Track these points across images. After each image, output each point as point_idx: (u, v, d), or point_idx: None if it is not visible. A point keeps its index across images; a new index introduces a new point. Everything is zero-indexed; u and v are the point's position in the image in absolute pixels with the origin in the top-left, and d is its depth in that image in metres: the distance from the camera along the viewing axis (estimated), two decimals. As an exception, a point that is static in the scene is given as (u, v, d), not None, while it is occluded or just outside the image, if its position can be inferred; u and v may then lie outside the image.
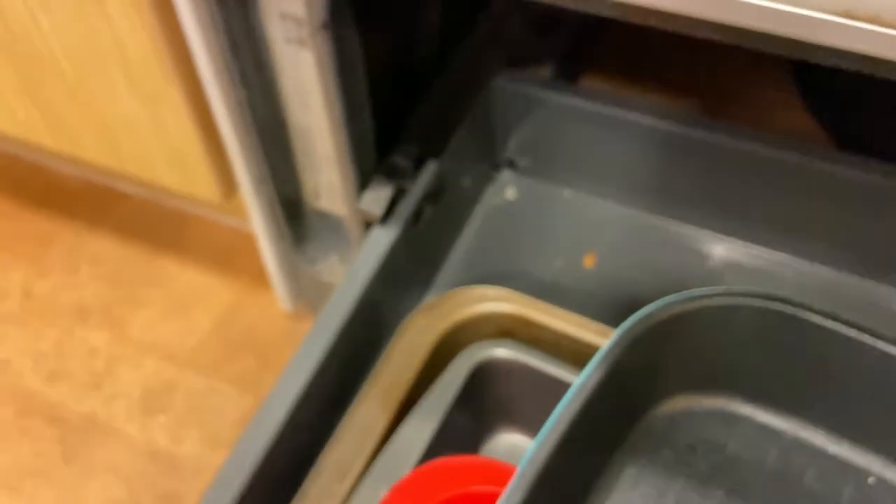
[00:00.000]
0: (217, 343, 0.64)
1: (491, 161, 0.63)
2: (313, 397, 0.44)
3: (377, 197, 0.49)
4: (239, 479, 0.40)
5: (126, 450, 0.57)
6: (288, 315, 0.65)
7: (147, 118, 0.48)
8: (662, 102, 0.72)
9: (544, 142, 0.61)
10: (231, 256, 0.70)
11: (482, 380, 0.47)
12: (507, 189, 0.63)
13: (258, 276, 0.68)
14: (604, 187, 0.61)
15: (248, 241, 0.71)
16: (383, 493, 0.41)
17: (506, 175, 0.64)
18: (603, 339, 0.47)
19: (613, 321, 0.53)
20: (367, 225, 0.52)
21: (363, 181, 0.49)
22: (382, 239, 0.49)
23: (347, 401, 0.47)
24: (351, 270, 0.48)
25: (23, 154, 0.77)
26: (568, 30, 0.70)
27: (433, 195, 0.53)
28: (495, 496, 0.39)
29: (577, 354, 0.47)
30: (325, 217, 0.57)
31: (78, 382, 0.61)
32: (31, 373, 0.62)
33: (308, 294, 0.63)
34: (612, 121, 0.57)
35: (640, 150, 0.57)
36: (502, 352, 0.46)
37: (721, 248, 0.58)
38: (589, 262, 0.58)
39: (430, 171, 0.52)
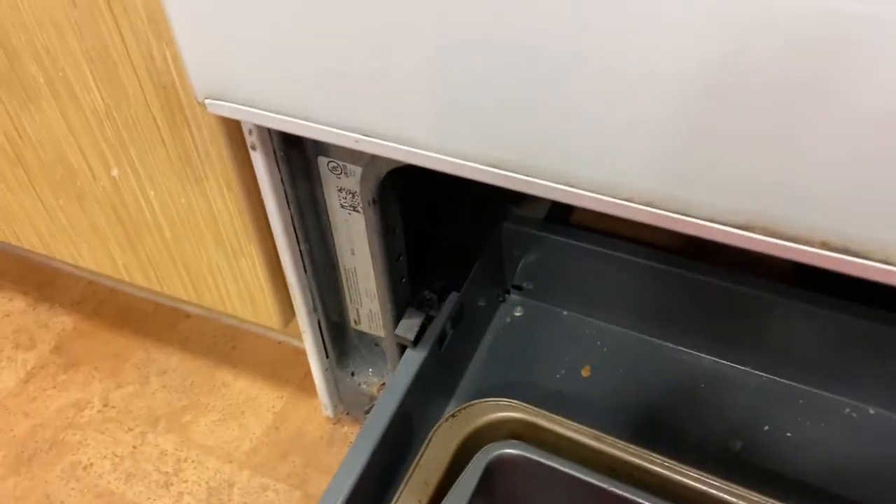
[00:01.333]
0: (268, 445, 0.74)
1: (501, 286, 0.75)
2: (359, 494, 0.54)
3: (410, 325, 0.60)
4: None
5: (194, 541, 0.67)
6: (329, 420, 0.76)
7: (227, 267, 0.61)
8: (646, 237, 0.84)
9: (545, 270, 0.73)
10: (278, 368, 0.81)
11: (496, 474, 0.57)
12: (515, 309, 0.75)
13: (302, 386, 0.79)
14: (596, 309, 0.72)
15: (293, 355, 0.83)
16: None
17: (514, 297, 0.76)
18: (597, 442, 0.57)
19: (604, 423, 0.64)
20: (401, 346, 0.63)
21: (398, 312, 0.61)
22: (414, 360, 0.60)
23: (387, 496, 0.57)
24: (388, 387, 0.59)
25: (101, 280, 0.90)
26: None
27: (455, 320, 0.65)
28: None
29: (573, 452, 0.57)
30: (363, 337, 0.69)
31: (151, 482, 0.71)
32: (110, 474, 0.72)
33: (347, 402, 0.74)
34: (600, 254, 0.69)
35: (626, 278, 0.69)
36: (511, 450, 0.57)
37: (694, 363, 0.69)
38: (586, 372, 0.69)
39: (452, 301, 0.64)
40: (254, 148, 0.51)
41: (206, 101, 0.44)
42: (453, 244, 0.71)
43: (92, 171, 0.58)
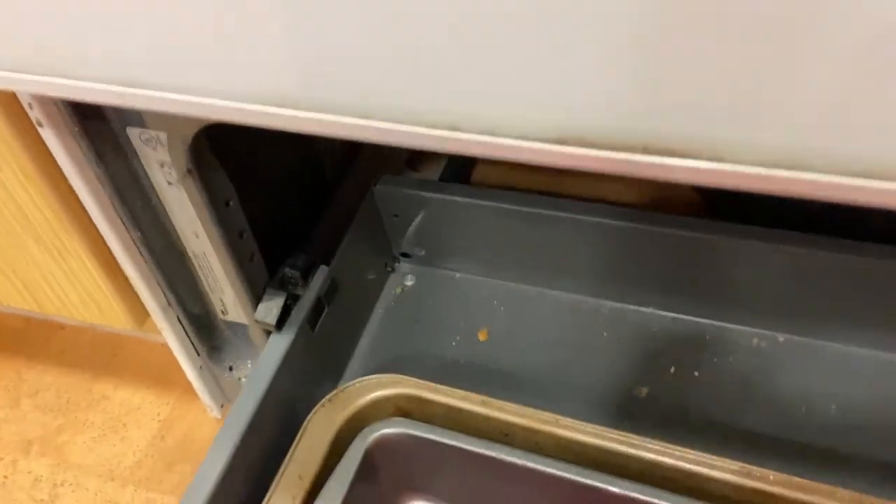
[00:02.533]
0: (153, 457, 0.68)
1: (388, 255, 0.70)
2: (223, 495, 0.49)
3: (269, 307, 0.55)
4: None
5: (72, 572, 0.61)
6: (217, 421, 0.70)
7: (57, 268, 0.54)
8: (544, 182, 0.79)
9: (432, 233, 0.68)
10: (164, 372, 0.74)
11: (379, 458, 0.52)
12: (406, 277, 0.70)
13: (188, 388, 0.72)
14: (488, 267, 0.67)
15: (180, 355, 0.76)
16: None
17: (404, 265, 0.70)
18: (485, 408, 0.52)
19: (505, 387, 0.59)
20: (268, 332, 0.57)
21: (258, 295, 0.55)
22: (280, 344, 0.55)
23: (261, 498, 0.51)
24: (251, 375, 0.53)
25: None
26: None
27: (328, 296, 0.59)
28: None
29: (465, 423, 0.52)
30: (235, 328, 0.62)
31: (23, 513, 0.65)
32: (-21, 510, 0.65)
33: (232, 399, 0.68)
34: (484, 208, 0.64)
35: (516, 230, 0.64)
36: (392, 429, 0.51)
37: (592, 309, 0.64)
38: (483, 336, 0.64)
39: (321, 275, 0.58)
40: (40, 125, 0.44)
41: (-55, 71, 0.37)
42: (323, 215, 0.65)
43: None
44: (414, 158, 0.73)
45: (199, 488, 0.48)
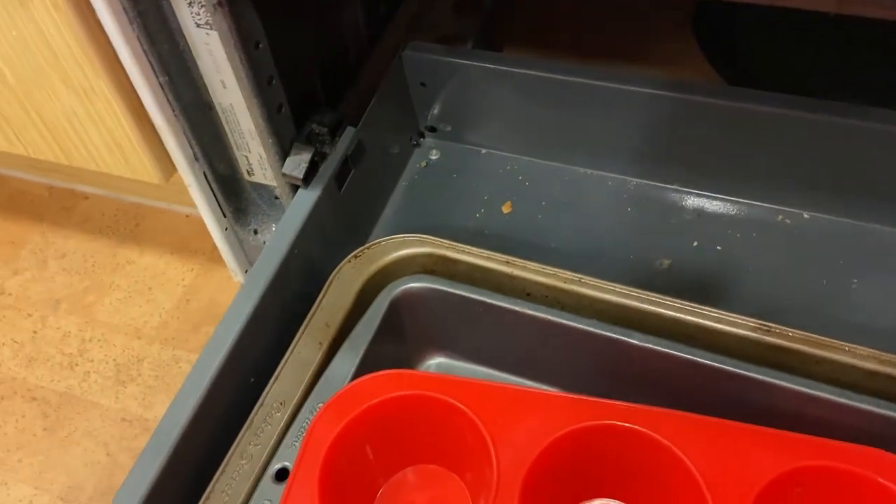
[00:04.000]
0: (180, 318, 0.69)
1: (414, 129, 0.69)
2: (246, 345, 0.50)
3: (297, 161, 0.54)
4: (187, 411, 0.46)
5: (102, 418, 0.63)
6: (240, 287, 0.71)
7: (84, 112, 0.54)
8: (571, 57, 0.77)
9: (459, 106, 0.67)
10: (187, 241, 0.75)
11: (404, 311, 0.52)
12: (431, 152, 0.69)
13: (212, 257, 0.74)
14: (516, 143, 0.67)
15: (202, 226, 0.77)
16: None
17: (430, 140, 0.70)
18: (508, 267, 0.53)
19: (527, 256, 0.59)
20: (294, 189, 0.57)
21: (284, 149, 0.55)
22: (306, 199, 0.55)
23: (288, 343, 0.52)
24: (277, 229, 0.54)
25: (-13, 167, 0.82)
26: (485, 7, 0.75)
27: (354, 158, 0.59)
28: (410, 400, 0.45)
29: (487, 283, 0.53)
30: (261, 189, 0.62)
31: (54, 364, 0.67)
32: (10, 360, 0.67)
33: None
34: (511, 77, 0.62)
35: (547, 105, 0.63)
36: (418, 284, 0.52)
37: (617, 185, 0.64)
38: (507, 208, 0.64)
39: (348, 136, 0.58)
40: (70, -52, 0.43)
41: None
42: (348, 74, 0.64)
43: None
44: (440, 37, 0.71)
45: (225, 334, 0.49)
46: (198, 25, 0.49)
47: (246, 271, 0.69)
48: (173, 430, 0.45)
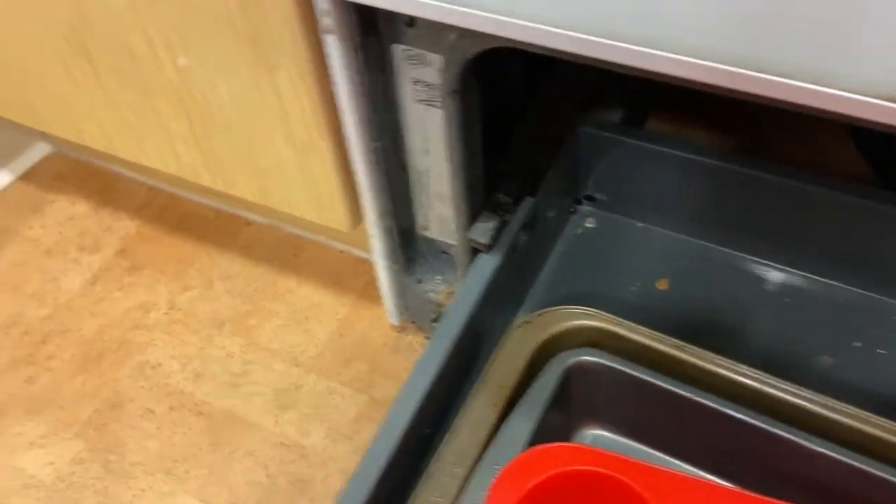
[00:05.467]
0: (333, 351, 0.74)
1: (573, 195, 0.72)
2: (433, 397, 0.53)
3: (485, 228, 0.58)
4: (377, 466, 0.49)
5: (262, 440, 0.67)
6: (393, 327, 0.75)
7: (296, 163, 0.59)
8: (722, 143, 0.79)
9: (620, 179, 0.69)
10: (341, 276, 0.80)
11: (572, 382, 0.55)
12: (587, 220, 0.72)
13: (364, 294, 0.78)
14: (674, 220, 0.69)
15: (355, 264, 0.81)
16: (496, 474, 0.49)
17: (586, 208, 0.73)
18: (680, 352, 0.55)
19: (685, 338, 0.61)
20: (473, 251, 0.61)
21: (472, 214, 0.59)
22: (488, 265, 0.58)
23: (456, 401, 0.56)
24: (460, 291, 0.57)
25: (160, 185, 0.89)
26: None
27: (528, 226, 0.62)
28: (587, 475, 0.47)
29: (653, 363, 0.55)
30: (431, 244, 0.67)
31: (219, 382, 0.72)
32: (178, 373, 0.73)
33: (413, 310, 0.73)
34: (677, 160, 0.65)
35: (703, 186, 0.65)
36: (589, 358, 0.55)
37: (777, 276, 0.65)
38: (662, 285, 0.66)
39: (527, 205, 0.61)
40: (328, 32, 0.48)
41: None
42: (523, 146, 0.67)
43: (158, 59, 0.56)
44: (588, 100, 0.75)
45: (414, 390, 0.52)
46: (417, 101, 0.54)
47: (401, 315, 0.73)
48: (368, 478, 0.48)
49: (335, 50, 0.49)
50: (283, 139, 0.57)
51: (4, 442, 0.68)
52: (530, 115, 0.73)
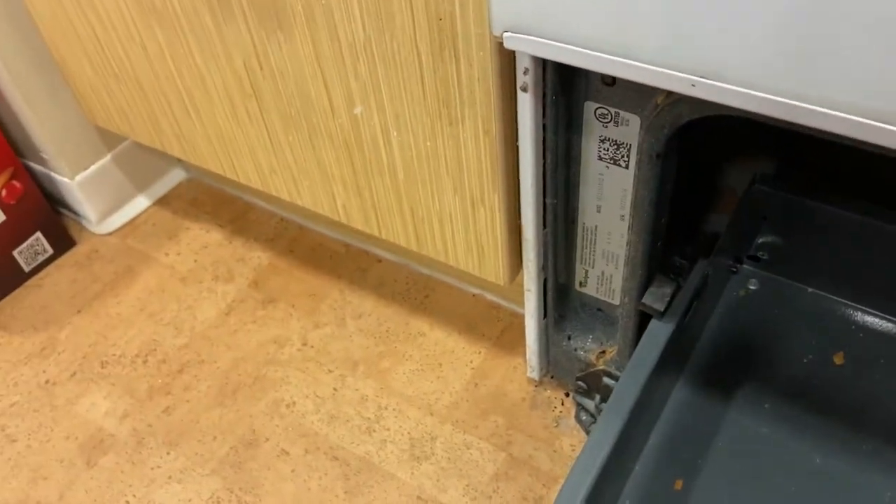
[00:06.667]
0: (468, 402, 0.71)
1: (734, 255, 0.68)
2: (608, 474, 0.50)
3: (660, 294, 0.55)
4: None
5: (399, 492, 0.65)
6: (531, 381, 0.72)
7: (461, 216, 0.57)
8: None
9: (790, 239, 0.65)
10: (474, 322, 0.78)
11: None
12: (749, 281, 0.67)
13: (499, 343, 0.76)
14: (849, 288, 0.64)
15: (489, 309, 0.79)
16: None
17: (748, 268, 0.68)
18: None
19: (867, 418, 0.56)
20: (639, 315, 0.57)
21: (646, 277, 0.55)
22: (661, 333, 0.55)
23: (622, 467, 0.52)
24: (633, 362, 0.54)
25: (291, 216, 0.89)
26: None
27: (699, 290, 0.59)
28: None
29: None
30: (586, 301, 0.63)
31: (353, 426, 0.70)
32: (313, 414, 0.72)
33: (556, 366, 0.69)
34: (855, 226, 0.60)
35: (881, 255, 0.60)
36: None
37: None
38: (839, 360, 0.61)
39: (701, 269, 0.58)
40: (524, 89, 0.46)
41: (505, 35, 0.39)
42: (692, 204, 0.64)
43: (332, 106, 0.55)
44: (735, 148, 0.70)
45: (590, 464, 0.49)
46: (600, 158, 0.51)
47: (542, 370, 0.70)
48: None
49: (527, 106, 0.46)
50: (452, 191, 0.55)
51: (145, 474, 0.68)
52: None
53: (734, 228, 0.62)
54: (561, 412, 0.70)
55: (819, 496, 0.54)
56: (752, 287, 0.67)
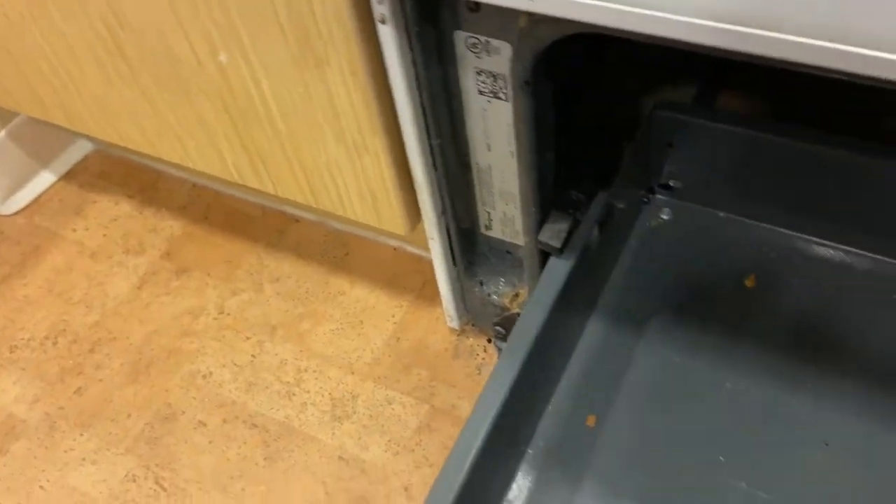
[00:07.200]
0: (390, 357, 0.70)
1: (645, 184, 0.66)
2: (509, 411, 0.49)
3: (556, 230, 0.53)
4: (451, 491, 0.45)
5: (320, 454, 0.64)
6: (453, 331, 0.70)
7: (348, 164, 0.54)
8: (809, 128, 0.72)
9: (699, 165, 0.63)
10: (395, 276, 0.76)
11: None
12: (662, 211, 0.66)
13: (421, 295, 0.74)
14: (761, 209, 0.62)
15: (409, 261, 0.77)
16: None
17: (660, 198, 0.66)
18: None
19: (779, 342, 0.55)
20: (542, 253, 0.56)
21: (541, 214, 0.53)
22: (561, 270, 0.53)
23: (532, 406, 0.51)
24: (532, 300, 0.52)
25: (203, 182, 0.86)
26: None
27: (602, 224, 0.57)
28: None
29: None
30: (494, 244, 0.62)
31: (272, 392, 0.69)
32: (231, 383, 0.70)
33: (473, 313, 0.68)
34: (763, 144, 0.59)
35: (791, 172, 0.59)
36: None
37: (865, 263, 0.59)
38: (750, 282, 0.60)
39: (601, 201, 0.56)
40: (383, 21, 0.43)
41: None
42: (590, 135, 0.61)
43: (197, 57, 0.52)
44: (655, 79, 0.68)
45: (488, 408, 0.48)
46: (480, 93, 0.48)
47: (461, 318, 0.69)
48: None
49: (390, 39, 0.44)
50: (333, 139, 0.52)
51: (58, 458, 0.66)
52: (592, 99, 0.67)
53: (636, 158, 0.60)
54: (483, 359, 0.69)
55: (730, 420, 0.53)
56: (664, 217, 0.66)
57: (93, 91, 0.62)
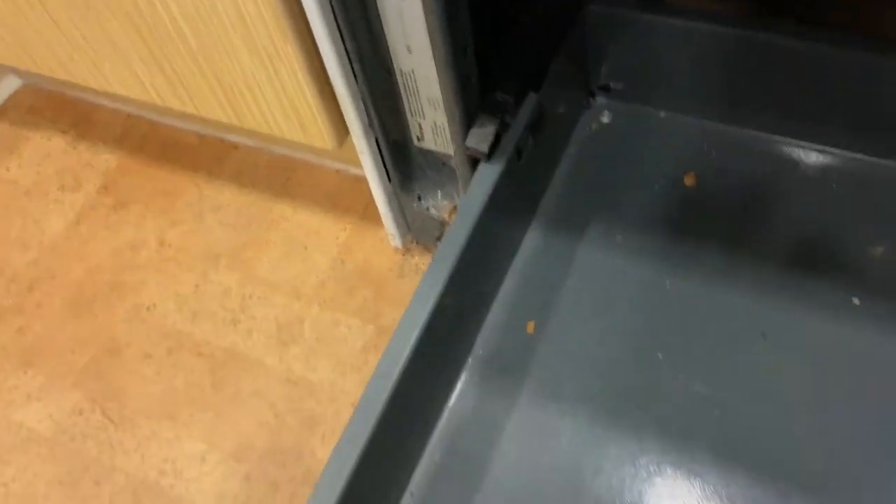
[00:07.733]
0: (335, 279, 0.69)
1: (584, 87, 0.64)
2: (436, 324, 0.48)
3: (483, 134, 0.51)
4: (379, 401, 0.45)
5: (267, 378, 0.64)
6: (397, 250, 0.69)
7: (265, 76, 0.52)
8: (754, 15, 0.70)
9: (638, 64, 0.61)
10: (338, 198, 0.74)
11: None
12: (602, 114, 0.64)
13: (365, 216, 0.72)
14: (700, 106, 0.61)
15: (352, 183, 0.75)
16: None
17: (601, 101, 0.65)
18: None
19: (721, 238, 0.55)
20: (473, 161, 0.54)
21: (467, 119, 0.52)
22: (489, 174, 0.52)
23: (469, 315, 0.51)
24: (462, 206, 0.51)
25: (139, 112, 0.83)
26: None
27: (534, 127, 0.55)
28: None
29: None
30: (428, 156, 0.60)
31: (217, 320, 0.68)
32: (175, 314, 0.69)
33: (415, 229, 0.67)
34: (702, 34, 0.57)
35: (733, 62, 0.57)
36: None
37: (821, 159, 0.58)
38: (689, 180, 0.59)
39: (530, 103, 0.54)
40: (275, -89, 0.40)
41: None
42: (524, 34, 0.59)
43: (92, -33, 0.48)
44: None
45: (416, 317, 0.48)
46: (392, -12, 0.46)
47: (404, 236, 0.68)
48: (370, 414, 0.44)
49: (286, -67, 0.41)
50: (246, 49, 0.50)
51: (2, 397, 0.65)
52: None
53: (570, 58, 0.58)
54: (429, 276, 0.68)
55: (670, 318, 0.53)
56: (604, 120, 0.64)
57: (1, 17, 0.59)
